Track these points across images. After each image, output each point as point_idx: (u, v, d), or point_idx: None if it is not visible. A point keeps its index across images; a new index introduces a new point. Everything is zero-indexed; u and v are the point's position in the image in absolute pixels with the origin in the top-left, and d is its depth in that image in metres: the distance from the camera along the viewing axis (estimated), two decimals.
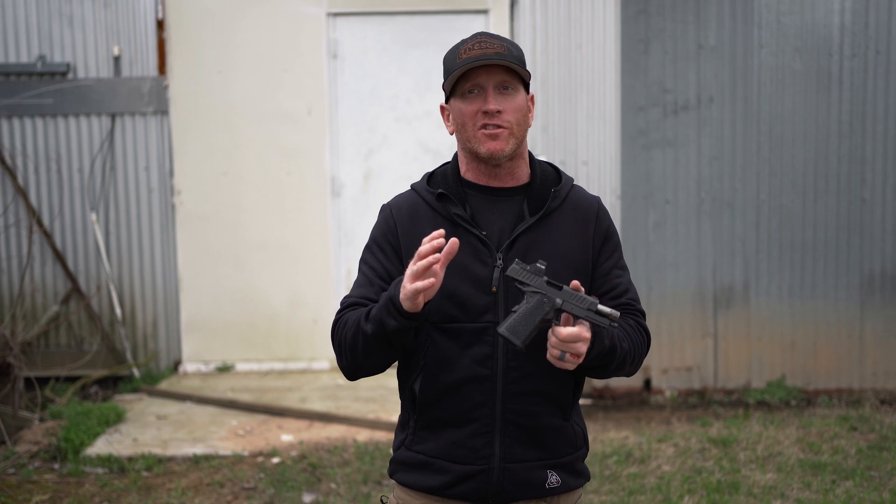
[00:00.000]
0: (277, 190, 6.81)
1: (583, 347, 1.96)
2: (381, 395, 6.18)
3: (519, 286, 2.00)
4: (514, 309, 2.00)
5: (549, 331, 1.97)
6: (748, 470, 4.89)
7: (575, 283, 1.99)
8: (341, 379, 6.60)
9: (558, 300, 1.97)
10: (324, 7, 6.72)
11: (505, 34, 6.52)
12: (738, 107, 6.30)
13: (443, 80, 2.20)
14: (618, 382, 6.33)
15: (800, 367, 6.39)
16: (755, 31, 6.26)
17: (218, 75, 6.76)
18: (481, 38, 2.13)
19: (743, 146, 6.32)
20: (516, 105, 2.12)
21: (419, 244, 1.99)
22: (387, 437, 5.41)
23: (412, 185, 2.27)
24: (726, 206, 6.34)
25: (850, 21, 6.25)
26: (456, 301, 2.10)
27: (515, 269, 2.00)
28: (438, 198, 2.17)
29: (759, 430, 5.51)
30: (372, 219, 7.66)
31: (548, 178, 2.22)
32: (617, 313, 1.97)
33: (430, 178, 2.25)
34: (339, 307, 2.19)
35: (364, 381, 6.48)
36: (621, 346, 2.09)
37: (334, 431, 5.51)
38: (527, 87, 2.17)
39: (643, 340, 2.20)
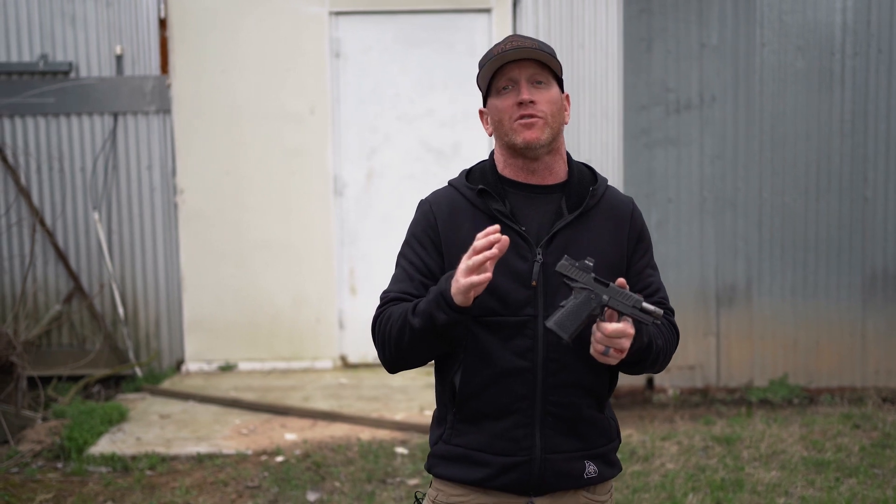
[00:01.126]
0: (280, 189, 6.81)
1: (626, 343, 2.00)
2: (385, 393, 6.19)
3: (567, 282, 2.04)
4: (561, 304, 2.03)
5: (594, 326, 2.01)
6: (752, 468, 4.89)
7: (621, 280, 2.03)
8: (344, 378, 6.61)
9: (605, 297, 2.01)
10: (326, 6, 6.72)
11: (507, 33, 6.52)
12: (740, 106, 6.31)
13: (479, 84, 2.25)
14: (621, 381, 6.31)
15: (802, 365, 6.39)
16: (757, 29, 6.27)
17: (221, 74, 6.76)
18: (513, 37, 2.19)
19: (745, 145, 6.32)
20: (550, 97, 2.18)
21: (459, 239, 2.07)
22: (390, 435, 5.42)
23: (450, 182, 2.29)
24: (728, 204, 6.34)
25: (851, 20, 6.26)
26: (497, 295, 2.12)
27: (565, 265, 2.04)
28: (479, 194, 2.20)
29: (762, 429, 5.51)
30: (374, 218, 7.65)
31: (584, 177, 2.26)
32: (660, 311, 2.00)
33: (468, 174, 2.28)
34: (378, 303, 2.21)
35: (367, 381, 6.49)
36: (656, 344, 2.14)
37: (338, 430, 5.51)
38: (561, 85, 2.23)
39: (673, 338, 2.24)
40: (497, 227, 1.97)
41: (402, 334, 2.10)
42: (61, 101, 6.80)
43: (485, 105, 2.26)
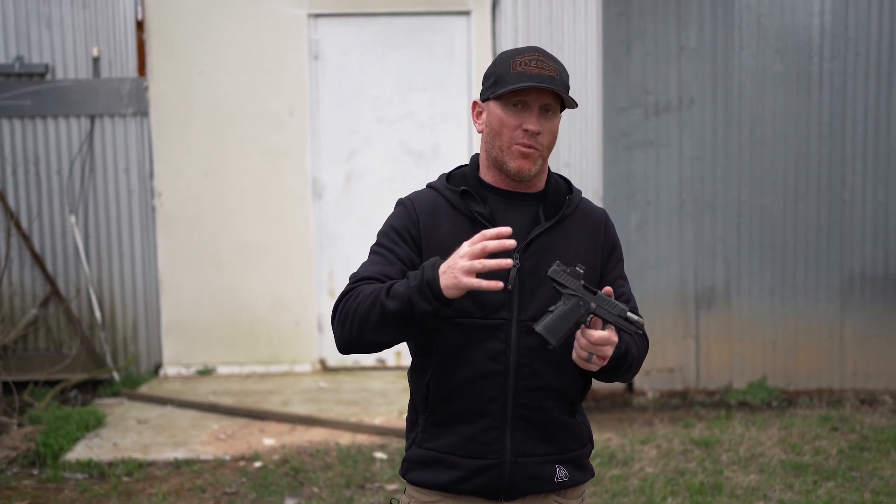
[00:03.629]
0: (259, 191, 6.77)
1: (610, 351, 2.02)
2: (364, 397, 6.16)
3: (557, 287, 2.05)
4: (550, 309, 2.04)
5: (579, 332, 2.03)
6: (731, 471, 4.90)
7: (608, 289, 2.05)
8: (323, 382, 6.58)
9: (593, 304, 2.03)
10: (305, 8, 6.68)
11: (486, 35, 6.52)
12: (718, 108, 6.32)
13: (490, 80, 2.20)
14: (600, 384, 6.32)
15: (781, 367, 6.42)
16: (736, 32, 6.28)
17: (199, 76, 6.71)
18: (538, 55, 2.16)
19: (724, 147, 6.34)
20: (552, 128, 2.19)
21: (438, 239, 2.14)
22: (369, 440, 5.40)
23: (429, 184, 2.30)
24: (707, 207, 6.35)
25: (829, 23, 6.28)
26: (472, 297, 2.13)
27: (556, 270, 2.05)
28: (461, 195, 2.22)
29: (741, 431, 5.53)
30: (353, 220, 7.60)
31: (560, 187, 2.30)
32: (643, 322, 2.03)
33: (448, 178, 2.30)
34: (349, 282, 2.16)
35: (346, 385, 6.47)
36: (631, 353, 2.17)
37: (316, 435, 5.48)
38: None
39: (645, 349, 2.28)
40: (508, 230, 1.97)
41: (370, 312, 2.05)
42: (37, 103, 6.74)
43: (483, 98, 2.23)
